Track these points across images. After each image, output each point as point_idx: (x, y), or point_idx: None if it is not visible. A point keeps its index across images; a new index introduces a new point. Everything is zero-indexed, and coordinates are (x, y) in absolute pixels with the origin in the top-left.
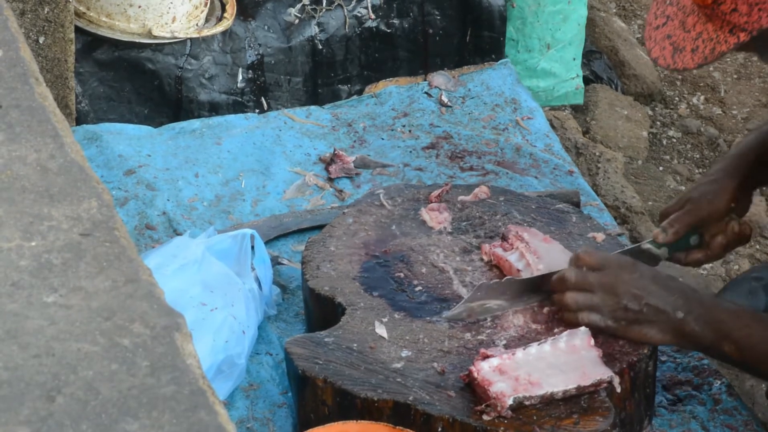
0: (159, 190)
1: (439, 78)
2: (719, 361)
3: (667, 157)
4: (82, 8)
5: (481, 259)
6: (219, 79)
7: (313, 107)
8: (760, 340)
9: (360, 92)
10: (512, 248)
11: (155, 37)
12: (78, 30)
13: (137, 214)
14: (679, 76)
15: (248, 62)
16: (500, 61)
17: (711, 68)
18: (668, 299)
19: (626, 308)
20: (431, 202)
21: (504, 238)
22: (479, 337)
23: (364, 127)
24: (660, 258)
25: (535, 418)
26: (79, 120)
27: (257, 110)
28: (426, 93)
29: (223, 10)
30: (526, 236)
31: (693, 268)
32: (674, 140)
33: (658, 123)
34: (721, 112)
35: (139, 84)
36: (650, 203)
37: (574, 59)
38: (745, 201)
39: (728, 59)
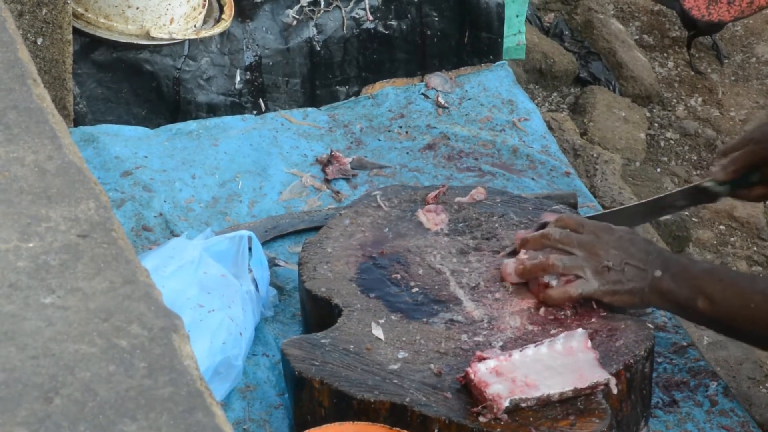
0: (156, 192)
1: (435, 79)
2: (695, 323)
3: (665, 158)
4: (80, 9)
5: (479, 261)
6: (217, 81)
7: (309, 109)
8: (732, 295)
9: (357, 93)
10: None
11: (153, 39)
12: (76, 31)
13: (134, 216)
14: (677, 78)
15: (246, 63)
16: (497, 63)
17: (708, 69)
18: (647, 259)
19: (609, 268)
20: (428, 204)
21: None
22: (476, 339)
23: (361, 129)
24: (720, 195)
25: (531, 419)
26: (77, 121)
27: (255, 112)
28: (423, 94)
29: (221, 11)
30: None
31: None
32: (672, 142)
33: (656, 125)
34: (718, 114)
35: (137, 85)
36: None
37: (518, 16)
38: None
39: (726, 60)
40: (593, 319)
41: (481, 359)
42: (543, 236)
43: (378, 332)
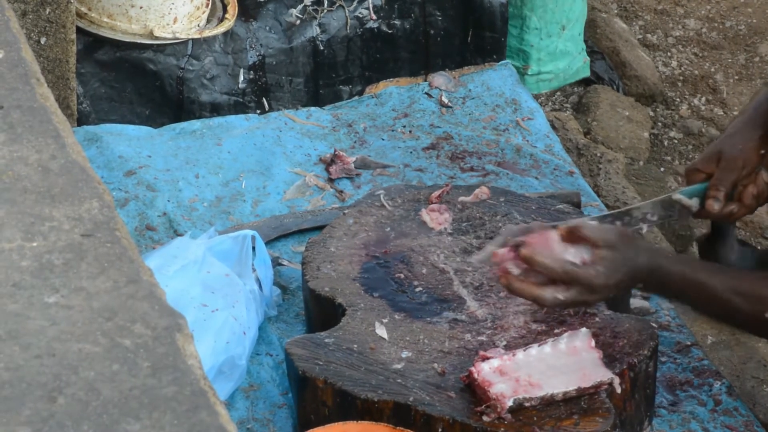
0: (159, 191)
1: (439, 78)
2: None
3: (669, 158)
4: (83, 9)
5: None
6: (220, 80)
7: (313, 108)
8: (711, 301)
9: (361, 93)
10: None
11: (157, 38)
12: (79, 31)
13: (137, 215)
14: (680, 77)
15: (249, 63)
16: (500, 62)
17: (712, 69)
18: (626, 281)
19: (604, 298)
20: (431, 203)
21: None
22: (479, 338)
23: (365, 128)
24: (692, 209)
25: (535, 419)
26: (81, 120)
27: (258, 111)
28: (426, 93)
29: (225, 10)
30: None
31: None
32: (675, 141)
33: (660, 124)
34: (722, 113)
35: (140, 85)
36: None
37: (580, 34)
38: None
39: (729, 59)
40: (597, 319)
41: (485, 359)
42: (535, 302)
43: (381, 332)
